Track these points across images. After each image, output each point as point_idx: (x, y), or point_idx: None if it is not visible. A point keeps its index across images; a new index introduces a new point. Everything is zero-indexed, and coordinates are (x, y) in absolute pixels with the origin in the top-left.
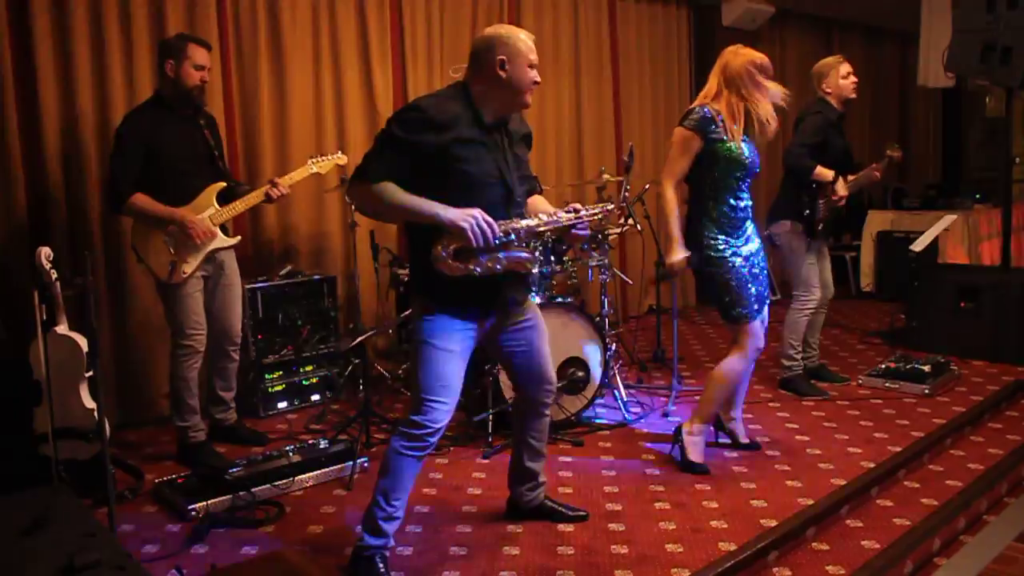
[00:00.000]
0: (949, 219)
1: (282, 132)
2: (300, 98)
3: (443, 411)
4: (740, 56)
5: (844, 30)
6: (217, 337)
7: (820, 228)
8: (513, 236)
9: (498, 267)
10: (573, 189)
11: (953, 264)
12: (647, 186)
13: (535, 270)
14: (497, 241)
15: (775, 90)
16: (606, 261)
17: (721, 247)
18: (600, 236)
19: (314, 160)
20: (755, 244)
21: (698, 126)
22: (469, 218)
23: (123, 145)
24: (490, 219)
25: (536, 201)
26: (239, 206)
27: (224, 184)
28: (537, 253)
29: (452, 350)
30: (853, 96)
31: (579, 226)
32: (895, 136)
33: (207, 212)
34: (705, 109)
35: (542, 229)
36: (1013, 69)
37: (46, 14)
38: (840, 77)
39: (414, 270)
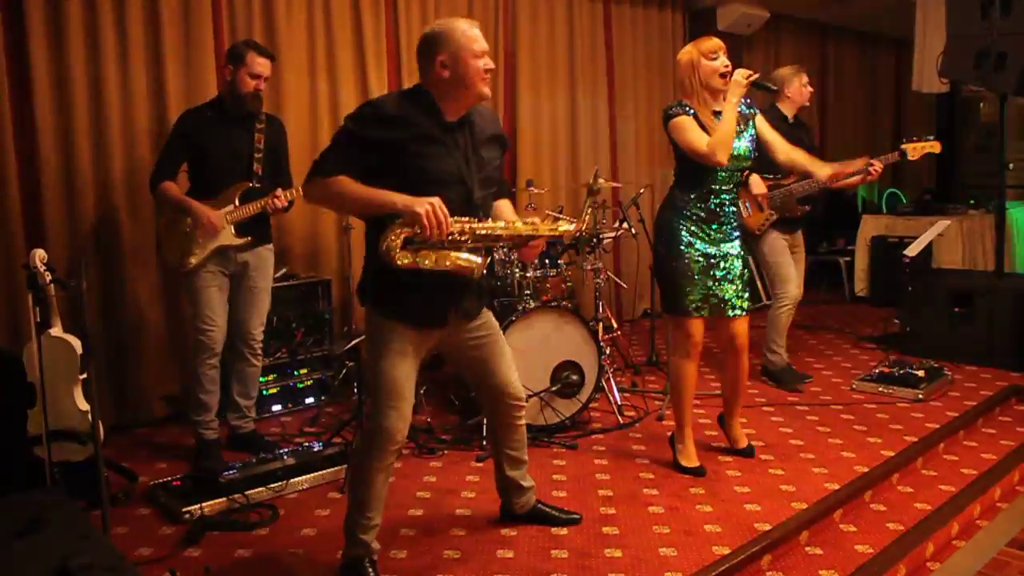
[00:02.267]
0: (943, 224)
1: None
2: (295, 102)
3: (395, 417)
4: (684, 54)
5: (838, 35)
6: (233, 338)
7: (761, 227)
8: (468, 235)
9: (447, 264)
10: (567, 192)
11: (947, 269)
12: (642, 191)
13: (483, 278)
14: (449, 236)
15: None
16: (600, 265)
17: (680, 237)
18: (595, 240)
19: None
20: (728, 247)
21: (680, 110)
22: (426, 203)
23: (169, 138)
24: (446, 211)
25: (501, 206)
26: (250, 209)
27: (249, 184)
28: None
29: (402, 354)
30: (808, 104)
31: (534, 243)
32: (889, 141)
33: (225, 209)
34: (680, 101)
35: (497, 233)
36: (1007, 75)
37: (41, 15)
38: (801, 84)
39: (365, 272)
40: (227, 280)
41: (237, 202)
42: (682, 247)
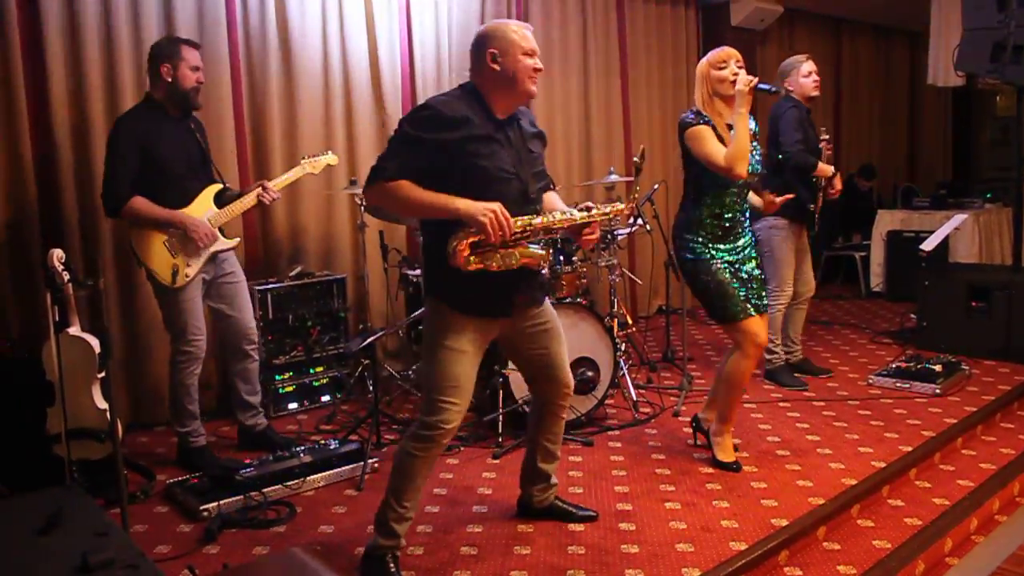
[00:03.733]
0: (959, 218)
1: (291, 135)
2: (309, 100)
3: (455, 412)
4: (698, 67)
5: (853, 29)
6: (233, 338)
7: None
8: (529, 232)
9: (512, 263)
10: (581, 189)
11: (963, 263)
12: (656, 186)
13: (546, 270)
14: (514, 237)
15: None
16: (615, 261)
17: (699, 249)
18: (609, 236)
19: (306, 160)
20: (744, 255)
21: (697, 119)
22: (488, 211)
23: (118, 148)
24: (507, 214)
25: (550, 198)
26: (236, 208)
27: (220, 186)
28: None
29: (464, 351)
30: (815, 94)
31: (589, 230)
32: (904, 135)
33: (206, 214)
34: (689, 111)
35: (556, 226)
36: None
37: (57, 19)
38: (801, 76)
39: (428, 270)
40: (205, 286)
41: (215, 206)
42: (709, 260)
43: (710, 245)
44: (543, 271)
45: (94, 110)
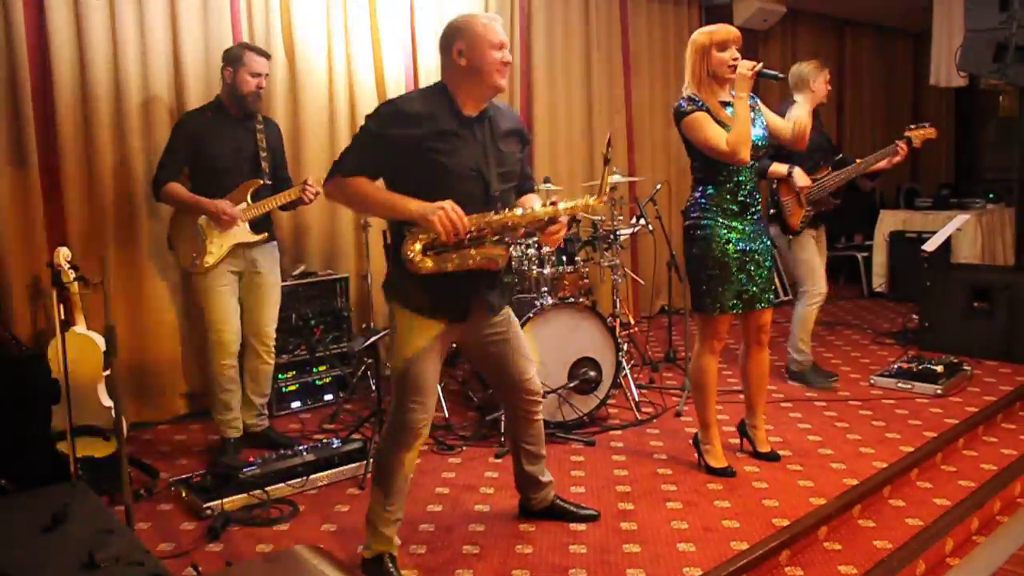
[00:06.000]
0: (962, 219)
1: (295, 134)
2: (313, 100)
3: (418, 412)
4: (697, 38)
5: (856, 29)
6: (246, 336)
7: (801, 223)
8: (487, 230)
9: (469, 263)
10: (584, 190)
11: (965, 264)
12: (658, 186)
13: (503, 271)
14: (468, 235)
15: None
16: (617, 261)
17: (718, 235)
18: (612, 237)
19: None
20: (760, 240)
21: (694, 106)
22: (438, 210)
23: (171, 140)
24: (460, 211)
25: (528, 199)
26: (270, 203)
27: (260, 182)
28: (543, 252)
29: (422, 351)
30: (824, 101)
31: (554, 228)
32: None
33: (239, 207)
34: (682, 99)
35: (515, 223)
36: None
37: (64, 21)
38: (825, 81)
39: (389, 269)
40: (236, 279)
41: (250, 199)
42: (719, 246)
43: (728, 227)
44: (501, 272)
45: (100, 111)
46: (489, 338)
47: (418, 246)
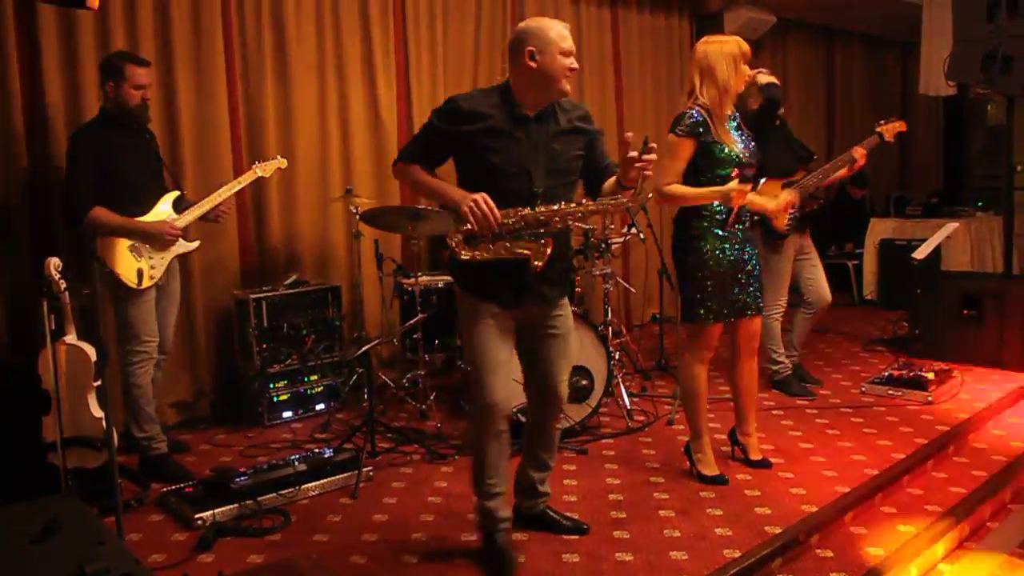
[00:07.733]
0: (951, 227)
1: (287, 144)
2: (305, 110)
3: (494, 388)
4: (710, 43)
5: (845, 39)
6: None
7: (787, 225)
8: (521, 223)
9: (502, 252)
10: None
11: (955, 271)
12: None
13: (540, 264)
14: (504, 227)
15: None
16: (609, 270)
17: (710, 245)
18: (603, 245)
19: (258, 164)
20: (750, 249)
21: (690, 131)
22: (470, 201)
23: (76, 161)
24: (492, 203)
25: (609, 184)
26: (195, 212)
27: (178, 193)
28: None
29: (487, 331)
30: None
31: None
32: (896, 144)
33: (177, 221)
34: (695, 112)
35: (549, 217)
36: (1014, 77)
37: (53, 29)
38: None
39: (452, 259)
40: (155, 289)
41: (173, 212)
42: (711, 256)
43: (719, 237)
44: (556, 264)
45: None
46: (545, 330)
47: (460, 235)
